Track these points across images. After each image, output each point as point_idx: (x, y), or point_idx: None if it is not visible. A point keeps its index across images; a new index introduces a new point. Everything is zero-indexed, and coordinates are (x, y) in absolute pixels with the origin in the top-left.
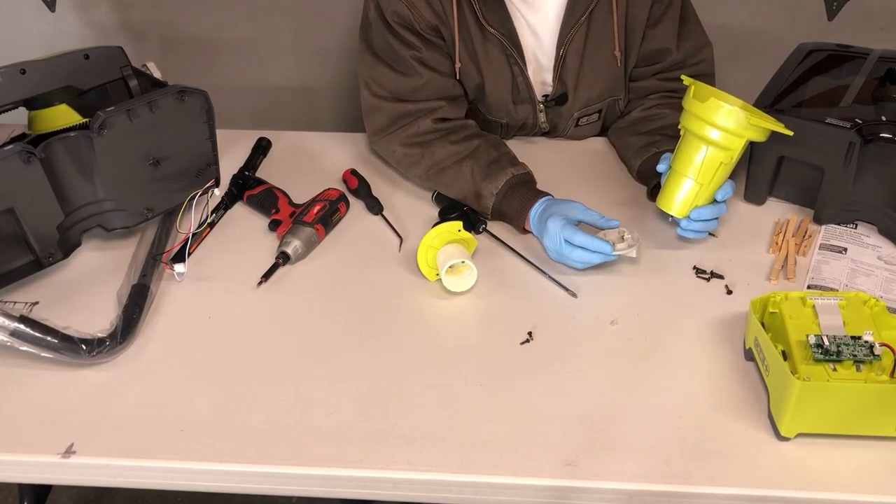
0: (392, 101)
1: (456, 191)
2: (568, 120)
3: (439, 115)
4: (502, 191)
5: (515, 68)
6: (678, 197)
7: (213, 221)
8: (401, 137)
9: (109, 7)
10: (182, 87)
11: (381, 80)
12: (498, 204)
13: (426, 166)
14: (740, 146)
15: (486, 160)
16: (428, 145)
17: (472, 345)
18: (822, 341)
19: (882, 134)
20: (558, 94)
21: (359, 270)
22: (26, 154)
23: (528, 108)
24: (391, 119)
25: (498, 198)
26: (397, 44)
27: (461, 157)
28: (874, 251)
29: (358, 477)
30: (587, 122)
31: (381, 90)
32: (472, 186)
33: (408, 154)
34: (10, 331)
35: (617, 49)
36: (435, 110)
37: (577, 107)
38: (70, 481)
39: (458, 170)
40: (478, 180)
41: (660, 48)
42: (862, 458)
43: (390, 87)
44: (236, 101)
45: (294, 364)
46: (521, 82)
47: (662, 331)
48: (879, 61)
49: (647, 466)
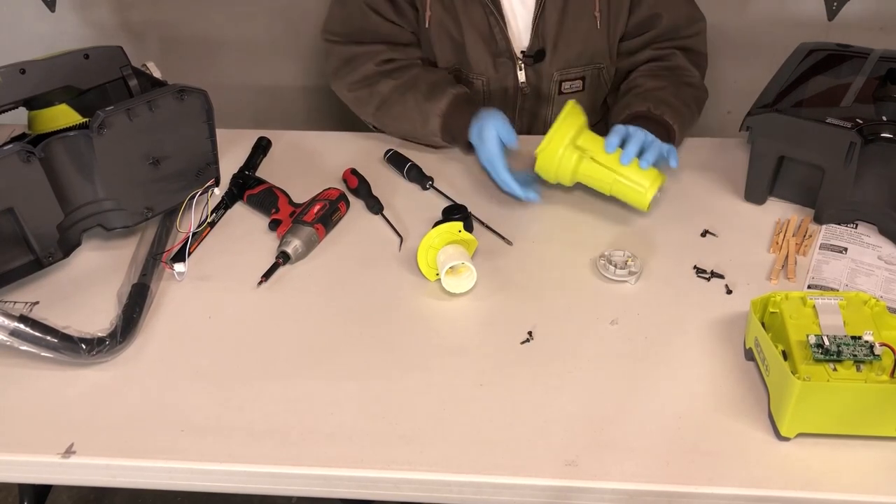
0: (341, 43)
1: (405, 121)
2: (550, 82)
3: (383, 58)
4: (448, 111)
5: (492, 19)
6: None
7: (213, 221)
8: (348, 82)
9: (109, 7)
10: (182, 87)
11: (332, 23)
12: (444, 124)
13: (375, 104)
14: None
15: (426, 86)
16: (374, 85)
17: (473, 345)
18: (822, 341)
19: (883, 134)
20: (535, 51)
21: (359, 270)
22: (26, 154)
23: (508, 65)
24: (341, 62)
25: (444, 118)
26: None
27: (405, 89)
28: (874, 251)
29: (358, 477)
30: (570, 89)
31: (331, 35)
32: (417, 113)
33: (357, 97)
34: (10, 330)
35: (597, 9)
36: (378, 53)
37: (557, 66)
38: (70, 481)
39: (402, 101)
40: (422, 105)
41: (650, 14)
42: (862, 458)
43: (339, 29)
44: (236, 100)
45: (294, 364)
46: (498, 35)
47: (662, 331)
48: (880, 61)
49: (647, 466)
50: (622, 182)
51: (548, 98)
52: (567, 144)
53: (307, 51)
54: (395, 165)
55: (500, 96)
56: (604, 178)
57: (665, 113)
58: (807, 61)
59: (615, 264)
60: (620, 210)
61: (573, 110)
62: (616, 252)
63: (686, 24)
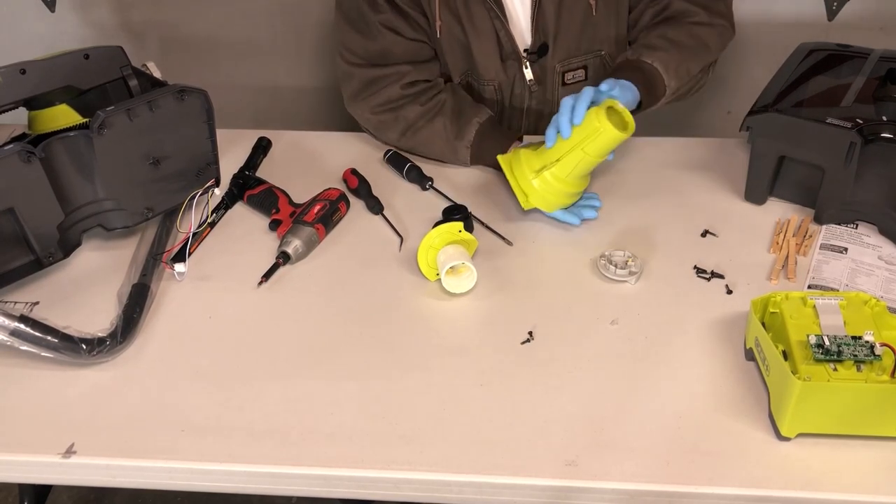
0: (363, 66)
1: (435, 148)
2: (554, 75)
3: (407, 80)
4: (475, 142)
5: (497, 22)
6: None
7: (213, 221)
8: (371, 105)
9: (109, 7)
10: (182, 87)
11: (351, 45)
12: (474, 154)
13: (401, 129)
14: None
15: (451, 113)
16: (399, 109)
17: (473, 345)
18: (822, 341)
19: (883, 134)
20: (538, 46)
21: (359, 270)
22: (26, 154)
23: (515, 66)
24: (362, 84)
25: (473, 149)
26: (366, 7)
27: (432, 115)
28: (875, 251)
29: (358, 477)
30: (573, 80)
31: (352, 56)
32: (446, 143)
33: (381, 121)
34: (10, 330)
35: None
36: (403, 75)
37: (559, 58)
38: (70, 481)
39: (431, 128)
40: (451, 137)
41: None
42: (862, 458)
43: (360, 52)
44: (236, 100)
45: (294, 364)
46: (503, 37)
47: (662, 331)
48: (880, 61)
49: (647, 466)
50: (585, 152)
51: (552, 91)
52: (532, 179)
53: (307, 51)
54: (394, 166)
55: (510, 100)
56: (578, 160)
57: (642, 55)
58: (807, 61)
59: (615, 264)
60: (620, 210)
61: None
62: (616, 252)
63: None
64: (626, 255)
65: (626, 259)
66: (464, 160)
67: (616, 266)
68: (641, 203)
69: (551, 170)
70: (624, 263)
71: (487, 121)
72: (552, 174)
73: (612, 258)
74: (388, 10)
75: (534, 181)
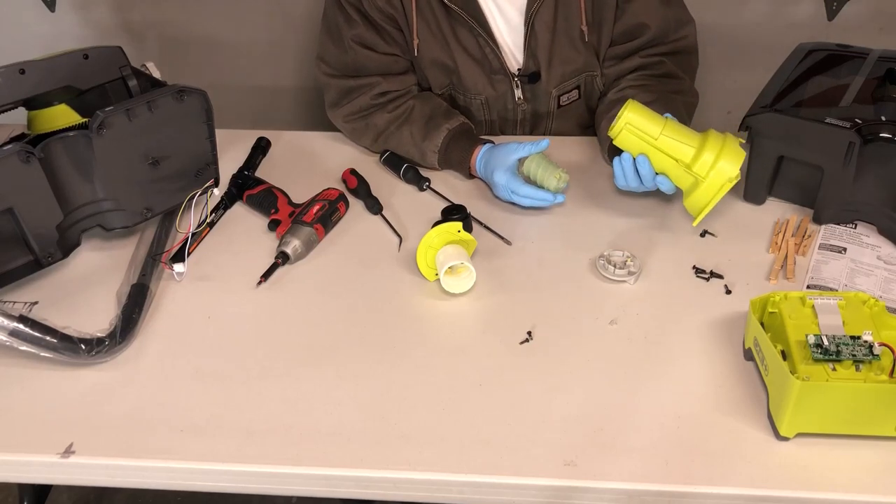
0: (338, 77)
1: (404, 152)
2: (549, 100)
3: (377, 91)
4: (442, 146)
5: (481, 40)
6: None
7: (212, 221)
8: (344, 114)
9: (109, 7)
10: (181, 87)
11: (327, 57)
12: (442, 159)
13: (372, 137)
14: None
15: (422, 120)
16: (369, 117)
17: (472, 345)
18: (821, 341)
19: (882, 134)
20: (530, 72)
21: (358, 270)
22: (25, 154)
23: (505, 81)
24: (339, 94)
25: (441, 154)
26: (342, 21)
27: (400, 123)
28: (874, 251)
29: (358, 477)
30: (569, 101)
31: (327, 67)
32: (415, 149)
33: (354, 129)
34: (9, 330)
35: (584, 23)
36: (373, 86)
37: (554, 83)
38: (70, 481)
39: (399, 135)
40: (418, 142)
41: (637, 24)
42: (862, 458)
43: (335, 63)
44: (236, 100)
45: (294, 364)
46: (490, 55)
47: (662, 331)
48: (879, 61)
49: (647, 466)
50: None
51: (546, 112)
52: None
53: (307, 51)
54: (391, 167)
55: (500, 112)
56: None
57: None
58: (806, 61)
59: (615, 264)
60: (620, 210)
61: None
62: (616, 252)
63: (674, 29)
64: (626, 255)
65: (626, 259)
66: (432, 163)
67: (615, 266)
68: (641, 203)
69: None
70: (623, 263)
71: (459, 127)
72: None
73: (611, 258)
74: (361, 26)
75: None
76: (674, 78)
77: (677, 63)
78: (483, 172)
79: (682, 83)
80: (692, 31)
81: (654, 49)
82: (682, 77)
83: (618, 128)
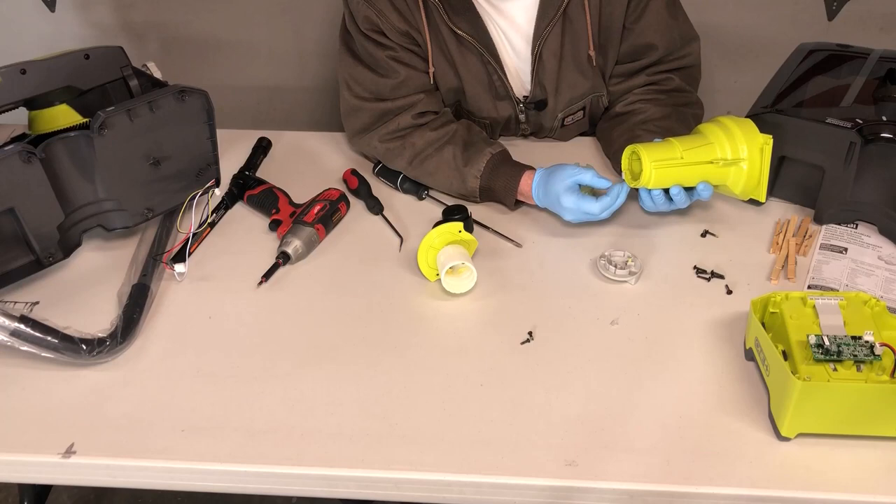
0: (373, 100)
1: (441, 176)
2: (553, 121)
3: (418, 110)
4: (486, 172)
5: (489, 67)
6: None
7: (213, 221)
8: (381, 134)
9: (109, 7)
10: (182, 87)
11: (361, 80)
12: (484, 184)
13: (409, 157)
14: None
15: (463, 144)
16: (407, 137)
17: (473, 345)
18: (822, 341)
19: (882, 134)
20: (538, 100)
21: (359, 270)
22: (27, 154)
23: (509, 106)
24: (373, 118)
25: (483, 179)
26: (371, 46)
27: (441, 143)
28: (874, 251)
29: (358, 477)
30: (573, 122)
31: (361, 91)
32: (455, 171)
33: (389, 148)
34: (10, 331)
35: (591, 48)
36: (414, 105)
37: (560, 108)
38: (70, 481)
39: (440, 156)
40: (460, 165)
41: (644, 43)
42: (862, 458)
43: (370, 87)
44: (236, 100)
45: (294, 364)
46: (497, 82)
47: (663, 331)
48: (880, 61)
49: (647, 466)
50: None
51: (550, 131)
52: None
53: (307, 51)
54: (386, 179)
55: (502, 131)
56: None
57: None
58: (807, 62)
59: (615, 264)
60: (621, 210)
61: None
62: (616, 252)
63: (680, 46)
64: (626, 255)
65: (626, 259)
66: (472, 189)
67: (616, 266)
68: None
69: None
70: (624, 263)
71: (501, 153)
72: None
73: (611, 258)
74: (393, 47)
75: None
76: (682, 92)
77: (683, 77)
78: (544, 200)
79: (690, 96)
80: (697, 48)
81: (661, 67)
82: (690, 90)
83: (647, 173)
